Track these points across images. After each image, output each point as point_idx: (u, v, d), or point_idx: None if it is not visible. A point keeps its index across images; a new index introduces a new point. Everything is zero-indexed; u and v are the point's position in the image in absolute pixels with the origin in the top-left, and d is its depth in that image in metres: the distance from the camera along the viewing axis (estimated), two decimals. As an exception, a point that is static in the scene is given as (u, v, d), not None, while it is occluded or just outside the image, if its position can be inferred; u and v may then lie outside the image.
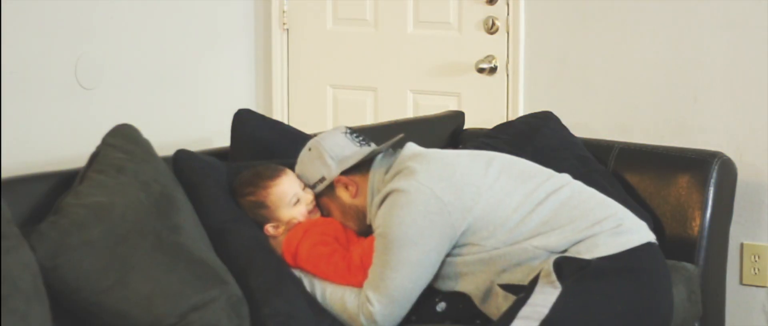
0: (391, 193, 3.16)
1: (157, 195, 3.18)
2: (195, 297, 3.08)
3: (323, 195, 3.37)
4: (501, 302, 3.14)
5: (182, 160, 3.40)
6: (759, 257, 4.39)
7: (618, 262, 3.10)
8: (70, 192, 3.13)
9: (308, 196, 3.40)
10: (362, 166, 3.33)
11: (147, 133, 3.37)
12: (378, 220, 3.18)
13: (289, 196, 3.37)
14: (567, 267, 3.05)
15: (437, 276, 3.21)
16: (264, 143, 3.70)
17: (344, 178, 3.32)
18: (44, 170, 3.35)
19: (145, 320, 3.02)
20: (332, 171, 3.32)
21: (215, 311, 3.09)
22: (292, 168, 3.47)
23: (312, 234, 3.33)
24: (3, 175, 3.21)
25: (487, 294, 3.16)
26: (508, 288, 3.13)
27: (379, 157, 3.35)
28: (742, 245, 4.38)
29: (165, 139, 3.63)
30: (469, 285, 3.18)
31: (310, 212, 3.40)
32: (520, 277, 3.12)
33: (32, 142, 4.31)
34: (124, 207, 3.09)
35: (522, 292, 3.08)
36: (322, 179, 3.33)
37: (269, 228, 3.38)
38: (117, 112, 4.44)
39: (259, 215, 3.38)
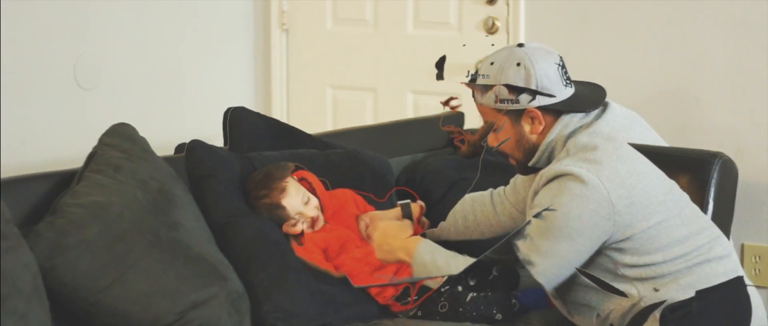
0: (567, 175, 2.97)
1: (154, 192, 3.17)
2: (194, 295, 3.07)
3: (505, 113, 3.10)
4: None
5: (194, 150, 3.39)
6: (760, 258, 4.39)
7: (715, 295, 3.04)
8: (67, 192, 3.12)
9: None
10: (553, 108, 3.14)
11: (146, 133, 3.37)
12: (544, 198, 3.00)
13: (301, 194, 3.40)
14: (671, 317, 2.99)
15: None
16: (261, 140, 3.68)
17: (538, 113, 3.07)
18: (43, 170, 3.34)
19: (144, 319, 3.01)
20: (532, 102, 3.06)
21: (215, 308, 3.09)
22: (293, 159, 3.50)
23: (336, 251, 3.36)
24: (2, 175, 3.21)
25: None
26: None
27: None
28: (742, 246, 4.38)
29: (164, 139, 3.62)
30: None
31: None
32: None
33: (31, 142, 4.31)
34: (122, 206, 3.08)
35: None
36: (516, 102, 3.06)
37: (288, 228, 3.39)
38: (116, 112, 4.43)
39: (275, 216, 3.37)
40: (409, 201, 3.51)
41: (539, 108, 3.05)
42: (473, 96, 3.11)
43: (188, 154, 3.37)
